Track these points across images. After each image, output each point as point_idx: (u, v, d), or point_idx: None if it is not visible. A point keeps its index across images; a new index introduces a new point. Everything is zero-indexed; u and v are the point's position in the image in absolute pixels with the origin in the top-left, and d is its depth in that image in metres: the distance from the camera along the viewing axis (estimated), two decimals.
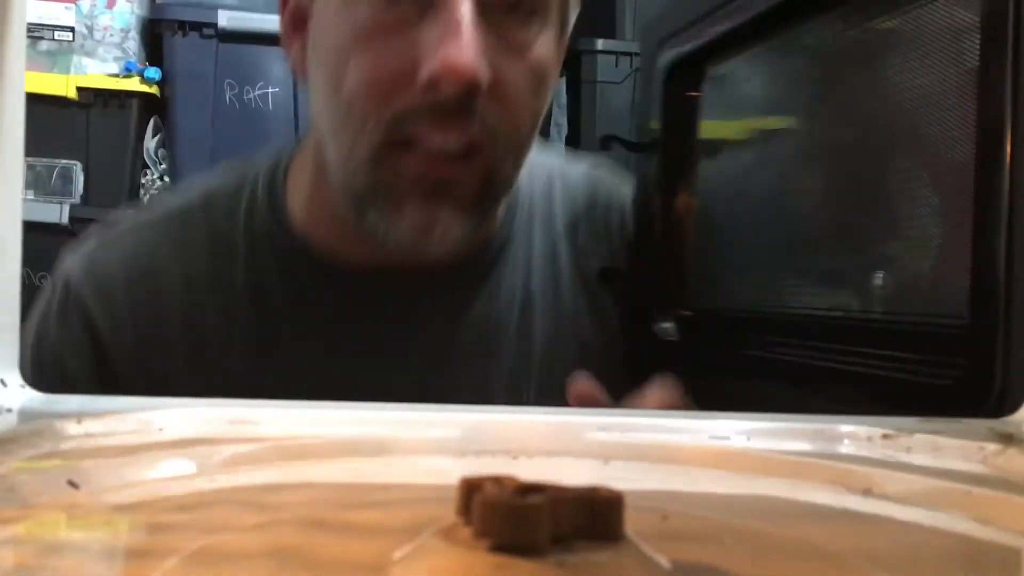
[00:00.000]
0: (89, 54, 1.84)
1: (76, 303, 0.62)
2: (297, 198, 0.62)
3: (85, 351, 0.63)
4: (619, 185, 0.78)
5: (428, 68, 0.50)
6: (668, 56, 0.75)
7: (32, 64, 1.79)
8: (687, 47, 0.73)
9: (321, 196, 0.61)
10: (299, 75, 0.60)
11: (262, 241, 0.62)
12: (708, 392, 0.59)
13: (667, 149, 0.75)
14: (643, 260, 0.75)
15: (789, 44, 0.63)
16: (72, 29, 1.83)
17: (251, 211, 0.62)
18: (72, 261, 0.64)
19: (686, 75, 0.75)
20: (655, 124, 0.75)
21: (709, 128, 0.75)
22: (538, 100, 0.57)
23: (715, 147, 0.75)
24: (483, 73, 0.51)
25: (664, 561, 0.25)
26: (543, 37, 0.55)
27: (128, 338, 0.63)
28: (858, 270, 0.59)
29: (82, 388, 0.60)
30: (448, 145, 0.53)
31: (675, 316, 0.75)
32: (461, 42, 0.49)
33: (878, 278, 0.57)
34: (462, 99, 0.51)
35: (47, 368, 0.63)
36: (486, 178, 0.56)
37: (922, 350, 0.50)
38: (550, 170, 0.73)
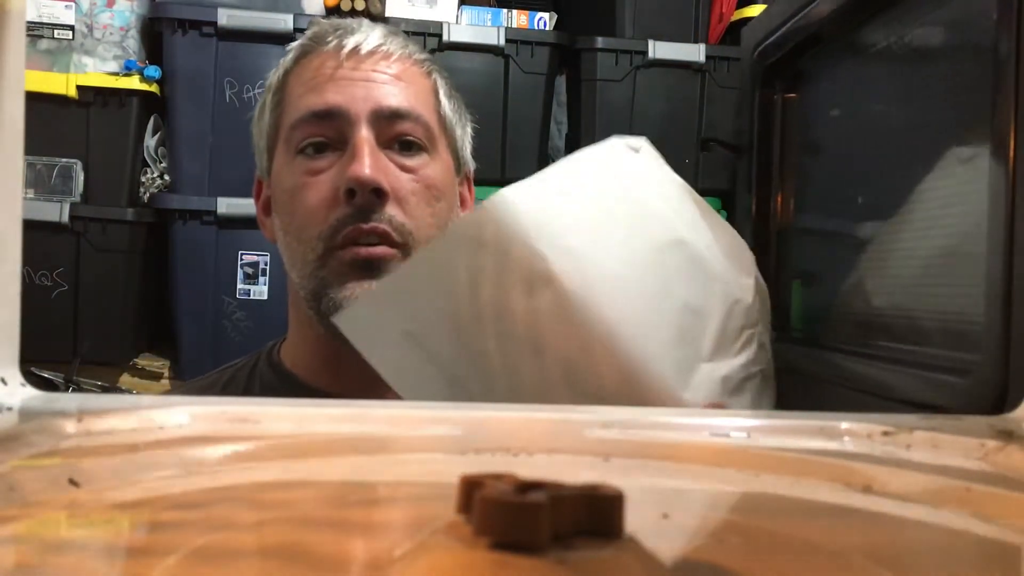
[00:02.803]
0: (89, 52, 1.84)
1: None
2: (287, 354, 0.83)
3: None
4: None
5: (343, 183, 0.71)
6: (763, 58, 0.76)
7: (32, 63, 1.79)
8: (782, 48, 0.73)
9: (298, 331, 0.81)
10: (272, 240, 0.81)
11: (256, 377, 0.83)
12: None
13: (764, 151, 0.76)
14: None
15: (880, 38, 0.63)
16: (72, 28, 1.83)
17: (255, 364, 0.84)
18: None
19: (781, 76, 0.76)
20: (753, 127, 0.77)
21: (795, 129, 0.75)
22: (434, 208, 0.75)
23: (813, 149, 0.75)
24: (382, 181, 0.71)
25: (665, 559, 0.25)
26: (432, 166, 0.76)
27: None
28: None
29: None
30: (369, 238, 0.71)
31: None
32: (363, 161, 0.70)
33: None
34: (372, 202, 0.71)
35: None
36: (403, 260, 0.73)
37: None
38: None
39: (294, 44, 0.79)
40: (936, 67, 0.56)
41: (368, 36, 0.76)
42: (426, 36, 1.86)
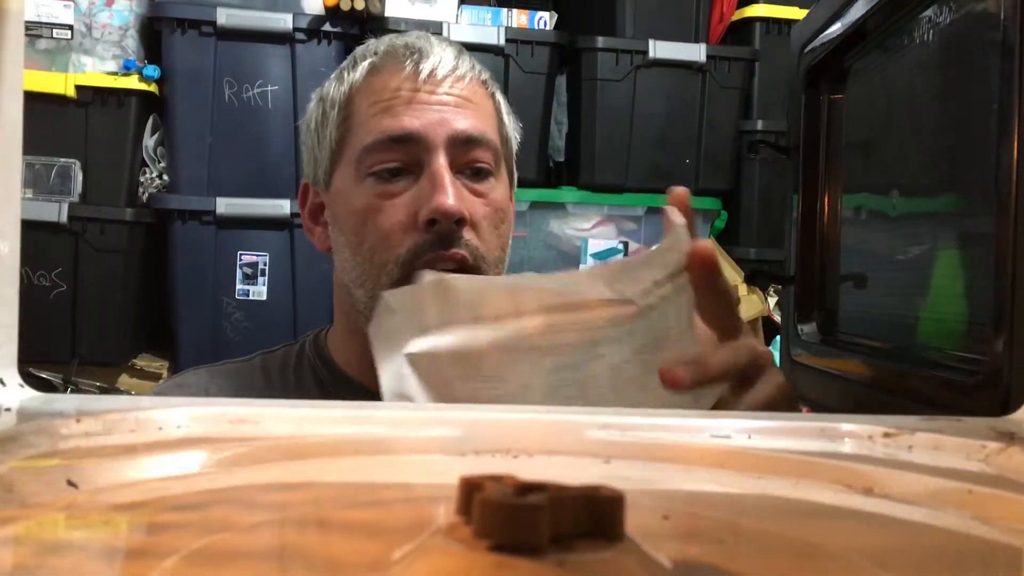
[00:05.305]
0: (88, 52, 1.84)
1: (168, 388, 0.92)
2: (334, 345, 0.84)
3: None
4: None
5: (426, 212, 0.71)
6: (809, 58, 0.76)
7: (30, 62, 1.78)
8: (826, 47, 0.73)
9: (351, 338, 0.80)
10: (324, 249, 0.81)
11: (306, 367, 0.84)
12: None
13: (812, 153, 0.76)
14: (801, 263, 0.77)
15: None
16: (71, 27, 1.82)
17: (300, 354, 0.85)
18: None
19: (827, 76, 0.76)
20: (800, 128, 0.77)
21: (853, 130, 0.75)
22: (501, 230, 0.77)
23: (861, 150, 0.75)
24: (465, 211, 0.72)
25: (665, 560, 0.25)
26: (497, 188, 0.77)
27: None
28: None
29: None
30: (447, 266, 0.71)
31: (816, 316, 0.76)
32: (447, 191, 0.71)
33: None
34: (453, 231, 0.71)
35: None
36: None
37: None
38: None
39: (360, 58, 0.78)
40: (974, 62, 0.56)
41: (442, 58, 0.76)
42: None
